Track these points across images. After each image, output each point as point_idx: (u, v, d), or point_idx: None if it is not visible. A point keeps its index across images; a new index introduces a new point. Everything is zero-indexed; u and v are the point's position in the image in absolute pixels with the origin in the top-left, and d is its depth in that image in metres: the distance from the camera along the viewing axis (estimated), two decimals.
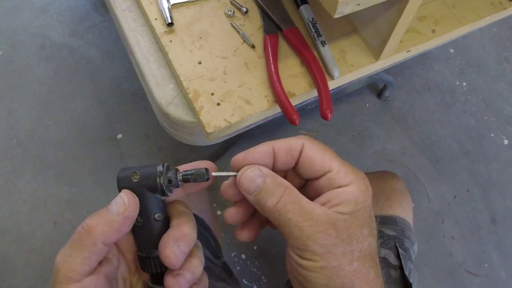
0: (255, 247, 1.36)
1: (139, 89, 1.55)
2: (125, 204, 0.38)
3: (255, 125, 0.65)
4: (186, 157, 1.46)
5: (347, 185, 0.39)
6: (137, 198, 0.39)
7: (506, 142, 1.61)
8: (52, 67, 1.60)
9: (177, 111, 0.62)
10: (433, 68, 1.71)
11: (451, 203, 1.50)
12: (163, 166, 0.39)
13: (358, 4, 0.49)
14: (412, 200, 0.93)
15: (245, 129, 0.64)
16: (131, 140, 1.48)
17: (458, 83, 1.69)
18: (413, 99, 1.64)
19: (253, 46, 0.64)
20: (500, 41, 1.79)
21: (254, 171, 0.40)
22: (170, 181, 0.40)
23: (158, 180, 0.39)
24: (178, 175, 0.40)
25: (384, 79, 1.53)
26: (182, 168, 0.42)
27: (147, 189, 0.39)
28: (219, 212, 1.39)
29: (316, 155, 0.40)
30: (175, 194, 0.43)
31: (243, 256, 1.35)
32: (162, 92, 0.63)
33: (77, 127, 1.49)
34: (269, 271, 1.35)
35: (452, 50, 1.75)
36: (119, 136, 1.48)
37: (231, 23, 0.66)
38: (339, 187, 0.39)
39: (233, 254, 1.35)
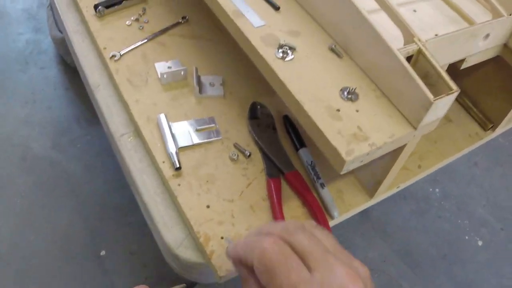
0: None
1: (122, 204, 1.56)
2: None
3: None
4: (172, 274, 1.44)
5: None
6: None
7: (480, 243, 1.66)
8: (33, 180, 1.59)
9: (187, 253, 0.64)
10: None
11: None
12: None
13: (362, 161, 0.54)
14: None
15: None
16: (115, 257, 1.46)
17: (431, 189, 1.76)
18: (390, 208, 1.69)
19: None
20: None
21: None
22: None
23: None
24: None
25: None
26: None
27: None
28: None
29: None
30: None
31: None
32: (171, 234, 0.65)
33: (60, 242, 1.46)
34: None
35: None
36: (103, 253, 1.46)
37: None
38: None
39: None
